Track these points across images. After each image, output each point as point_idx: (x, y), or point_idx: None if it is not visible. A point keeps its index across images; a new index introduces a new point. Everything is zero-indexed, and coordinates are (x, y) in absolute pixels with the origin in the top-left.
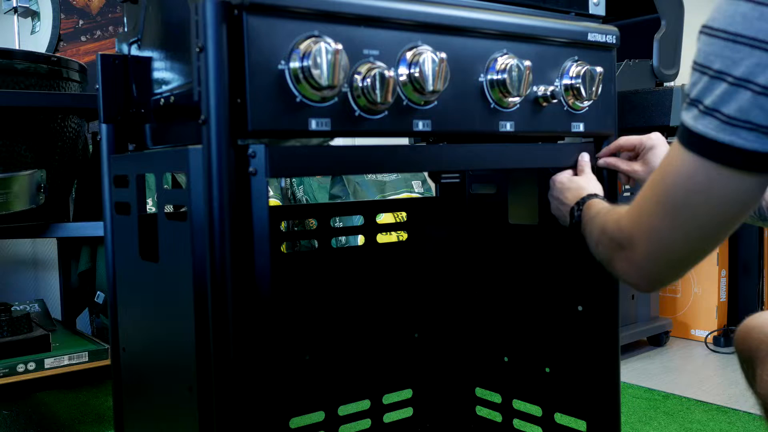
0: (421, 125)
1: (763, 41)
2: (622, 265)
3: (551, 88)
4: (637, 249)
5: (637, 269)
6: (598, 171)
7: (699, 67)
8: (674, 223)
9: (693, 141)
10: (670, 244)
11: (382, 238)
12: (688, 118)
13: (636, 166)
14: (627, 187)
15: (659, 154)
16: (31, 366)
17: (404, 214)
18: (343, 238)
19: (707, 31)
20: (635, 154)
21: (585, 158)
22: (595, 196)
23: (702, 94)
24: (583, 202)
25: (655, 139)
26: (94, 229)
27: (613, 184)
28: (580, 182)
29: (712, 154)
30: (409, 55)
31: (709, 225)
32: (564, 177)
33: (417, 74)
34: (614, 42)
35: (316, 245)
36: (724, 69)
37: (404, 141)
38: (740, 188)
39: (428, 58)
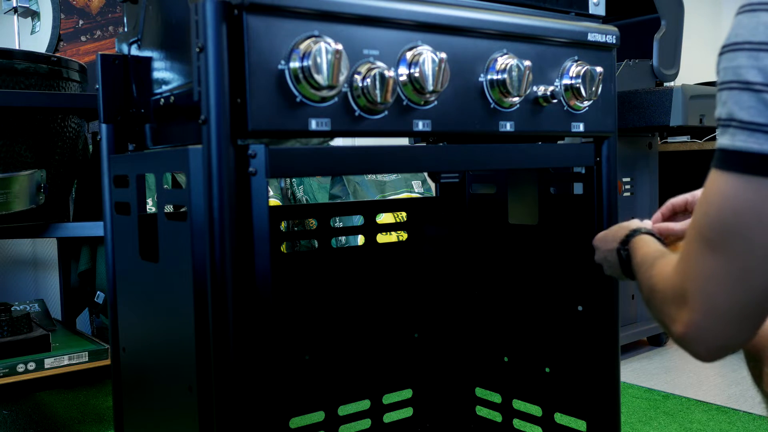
0: (421, 125)
1: None
2: (679, 329)
3: (551, 88)
4: (693, 305)
5: (697, 330)
6: (597, 172)
7: (725, 86)
8: (729, 259)
9: (733, 160)
10: (730, 289)
11: (382, 238)
12: (725, 140)
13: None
14: (627, 187)
15: None
16: (31, 366)
17: (404, 214)
18: (343, 238)
19: (731, 47)
20: (688, 211)
21: None
22: (639, 231)
23: (733, 110)
24: (627, 241)
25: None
26: (94, 229)
27: (612, 185)
28: (620, 224)
29: (757, 168)
30: (409, 55)
31: None
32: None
33: (417, 74)
34: (614, 42)
35: (316, 245)
36: (751, 78)
37: (404, 141)
38: None
39: (428, 58)
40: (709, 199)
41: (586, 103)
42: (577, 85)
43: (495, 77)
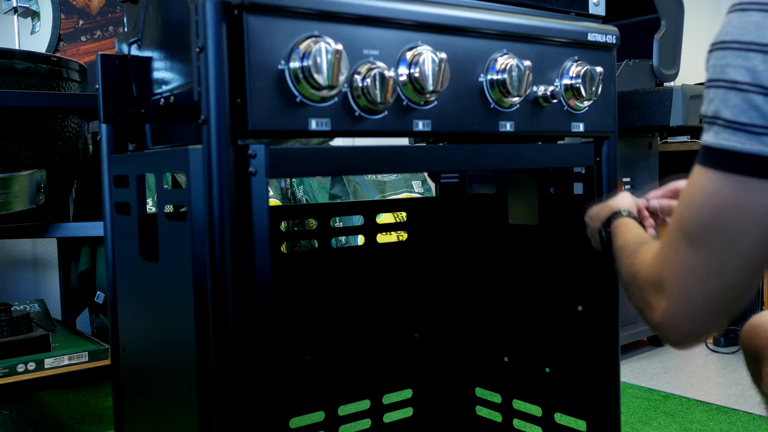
0: (421, 125)
1: None
2: (656, 316)
3: (551, 88)
4: (670, 294)
5: (672, 318)
6: (597, 172)
7: (713, 83)
8: (706, 254)
9: (715, 158)
10: (705, 282)
11: (382, 238)
12: (709, 137)
13: None
14: (627, 188)
15: None
16: (31, 366)
17: (404, 214)
18: (343, 238)
19: (720, 46)
20: None
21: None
22: (620, 213)
23: (719, 108)
24: (609, 222)
25: None
26: (94, 229)
27: (612, 185)
28: (607, 202)
29: (738, 167)
30: (409, 55)
31: (745, 250)
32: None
33: (417, 74)
34: (614, 42)
35: (316, 245)
36: (738, 78)
37: (404, 141)
38: None
39: (428, 58)
40: (692, 194)
41: (586, 103)
42: (577, 85)
43: (495, 77)
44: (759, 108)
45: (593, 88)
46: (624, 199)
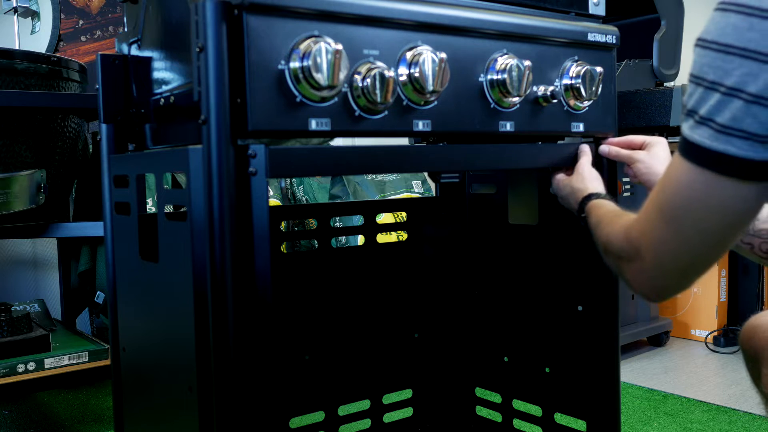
0: (421, 125)
1: (753, 51)
2: (633, 276)
3: (551, 88)
4: (645, 260)
5: (648, 279)
6: (598, 168)
7: (694, 79)
8: (677, 231)
9: (690, 151)
10: (676, 254)
11: (382, 238)
12: (686, 128)
13: (639, 155)
14: (627, 187)
15: (660, 151)
16: (31, 366)
17: (404, 214)
18: (343, 238)
19: (701, 43)
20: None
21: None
22: (592, 196)
23: (697, 104)
24: (583, 205)
25: (659, 138)
26: (94, 229)
27: (612, 185)
28: (576, 184)
29: (708, 163)
30: (409, 55)
31: (711, 233)
32: (564, 179)
33: (417, 74)
34: (614, 42)
35: (316, 245)
36: (717, 79)
37: (404, 141)
38: (737, 196)
39: (428, 58)
40: (670, 178)
41: (586, 103)
42: (577, 85)
43: (495, 77)
44: (732, 111)
45: (593, 88)
46: (593, 179)
